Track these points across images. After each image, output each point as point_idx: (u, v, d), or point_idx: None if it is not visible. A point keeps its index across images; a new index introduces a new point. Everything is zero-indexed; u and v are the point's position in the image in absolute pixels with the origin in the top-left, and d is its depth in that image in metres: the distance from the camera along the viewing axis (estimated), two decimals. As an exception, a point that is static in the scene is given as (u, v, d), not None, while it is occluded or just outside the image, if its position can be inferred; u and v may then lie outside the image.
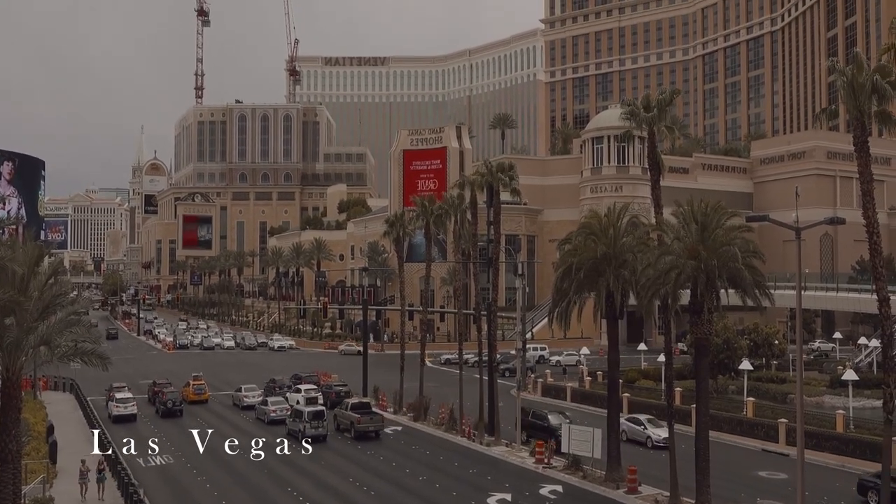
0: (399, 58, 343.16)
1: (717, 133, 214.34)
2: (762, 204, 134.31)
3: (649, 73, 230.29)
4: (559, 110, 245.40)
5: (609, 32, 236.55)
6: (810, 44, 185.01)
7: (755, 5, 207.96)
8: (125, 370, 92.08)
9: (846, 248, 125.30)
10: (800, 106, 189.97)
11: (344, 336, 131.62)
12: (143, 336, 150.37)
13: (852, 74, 35.67)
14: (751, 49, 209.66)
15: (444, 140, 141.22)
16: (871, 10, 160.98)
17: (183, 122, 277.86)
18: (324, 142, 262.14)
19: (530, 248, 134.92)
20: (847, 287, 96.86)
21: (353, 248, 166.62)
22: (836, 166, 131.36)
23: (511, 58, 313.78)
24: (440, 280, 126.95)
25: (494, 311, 57.66)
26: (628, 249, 41.80)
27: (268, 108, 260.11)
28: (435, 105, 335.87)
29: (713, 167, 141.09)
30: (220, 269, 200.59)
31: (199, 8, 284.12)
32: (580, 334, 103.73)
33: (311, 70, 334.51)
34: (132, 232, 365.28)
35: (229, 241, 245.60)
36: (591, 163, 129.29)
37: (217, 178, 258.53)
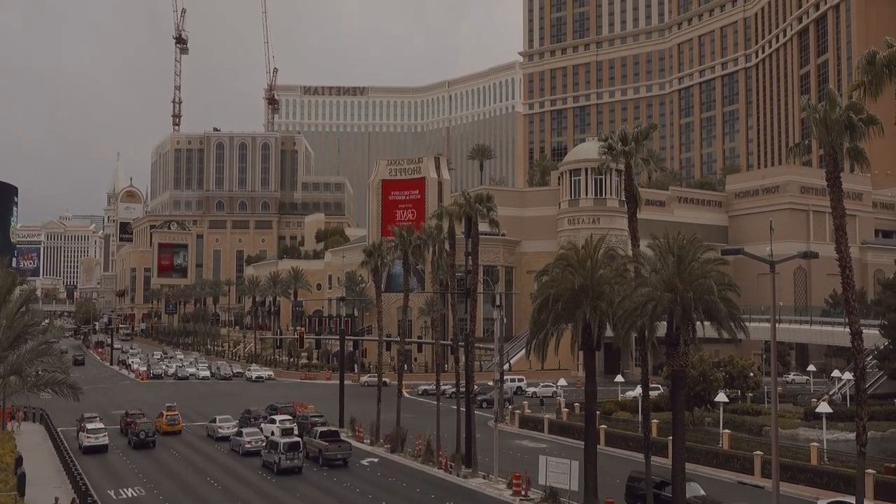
0: (378, 88, 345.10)
1: (693, 167, 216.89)
2: (737, 237, 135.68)
3: (626, 106, 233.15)
4: (537, 142, 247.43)
5: (587, 66, 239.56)
6: (784, 80, 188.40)
7: (730, 42, 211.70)
8: (97, 400, 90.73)
9: (819, 281, 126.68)
10: (774, 141, 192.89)
11: (320, 366, 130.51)
12: (115, 365, 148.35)
13: (825, 111, 36.34)
14: (725, 84, 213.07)
15: (423, 170, 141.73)
16: (843, 48, 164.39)
17: (160, 149, 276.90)
18: (302, 171, 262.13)
19: (508, 279, 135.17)
20: (820, 320, 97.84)
21: (330, 277, 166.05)
22: (809, 200, 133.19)
23: (490, 90, 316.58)
24: (418, 310, 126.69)
25: (472, 341, 57.58)
26: (605, 281, 42.03)
27: (246, 137, 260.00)
28: (414, 135, 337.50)
29: (689, 200, 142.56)
30: (196, 297, 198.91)
31: (177, 36, 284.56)
32: (558, 366, 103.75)
33: (290, 99, 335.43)
34: (106, 260, 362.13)
35: (205, 270, 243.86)
36: (568, 195, 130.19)
37: (194, 206, 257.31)
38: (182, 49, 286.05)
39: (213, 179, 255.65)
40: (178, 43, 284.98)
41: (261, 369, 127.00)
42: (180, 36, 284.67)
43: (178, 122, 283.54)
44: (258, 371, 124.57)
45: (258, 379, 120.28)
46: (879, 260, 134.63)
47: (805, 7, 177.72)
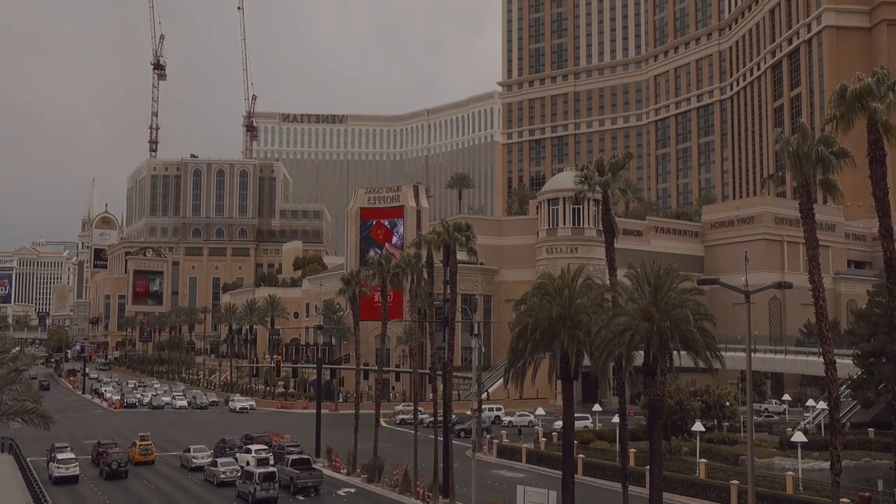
0: (357, 116, 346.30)
1: (670, 197, 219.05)
2: (713, 267, 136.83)
3: (604, 137, 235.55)
4: (516, 171, 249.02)
5: (565, 97, 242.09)
6: (758, 112, 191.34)
7: (705, 74, 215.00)
8: (68, 429, 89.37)
9: (794, 311, 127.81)
10: (748, 172, 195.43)
11: (297, 395, 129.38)
12: (88, 394, 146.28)
13: (798, 144, 36.99)
14: (701, 116, 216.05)
15: (402, 199, 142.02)
16: (815, 82, 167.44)
17: (136, 175, 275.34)
18: (280, 198, 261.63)
19: (487, 307, 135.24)
20: (795, 350, 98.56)
21: (308, 305, 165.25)
22: (783, 231, 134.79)
23: (469, 119, 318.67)
24: (396, 339, 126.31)
25: (450, 370, 57.46)
26: (583, 310, 42.19)
27: (224, 164, 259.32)
28: (393, 164, 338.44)
29: (666, 230, 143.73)
30: (171, 325, 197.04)
31: (155, 62, 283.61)
32: (536, 395, 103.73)
33: (269, 126, 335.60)
34: (80, 286, 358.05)
35: (181, 297, 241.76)
36: (546, 224, 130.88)
37: (170, 233, 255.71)
38: (160, 75, 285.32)
39: (189, 206, 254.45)
40: (156, 69, 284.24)
41: (245, 399, 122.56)
42: (158, 62, 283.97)
43: (154, 148, 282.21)
44: (242, 401, 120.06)
45: (242, 410, 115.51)
46: (852, 290, 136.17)
47: (778, 41, 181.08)
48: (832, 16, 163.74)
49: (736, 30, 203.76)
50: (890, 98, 35.20)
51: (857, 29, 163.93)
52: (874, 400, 76.53)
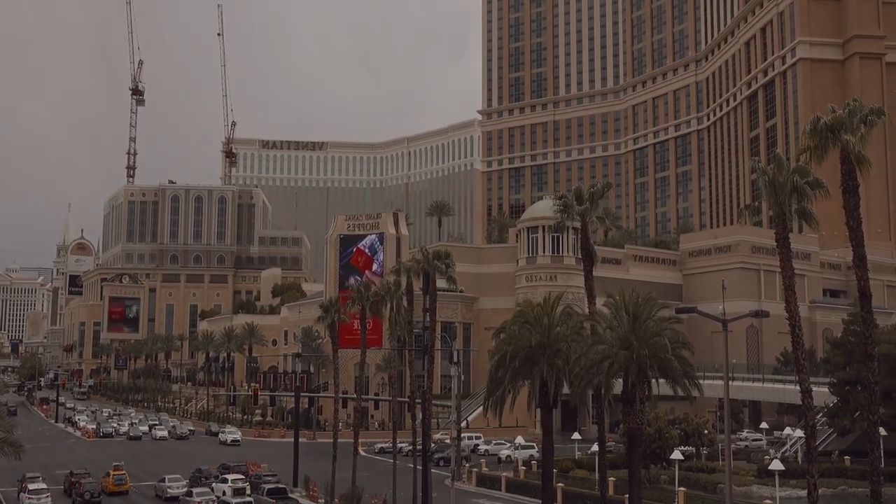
0: (337, 143, 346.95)
1: (648, 225, 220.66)
2: (691, 295, 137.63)
3: (583, 165, 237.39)
4: (496, 199, 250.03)
5: (544, 125, 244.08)
6: (734, 142, 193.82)
7: (682, 105, 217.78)
8: (41, 459, 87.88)
9: (771, 339, 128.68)
10: (726, 201, 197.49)
11: (275, 424, 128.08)
12: (61, 423, 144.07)
13: (773, 174, 37.52)
14: (679, 146, 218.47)
15: (382, 226, 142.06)
16: (790, 113, 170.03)
17: (113, 201, 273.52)
18: (259, 225, 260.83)
19: (466, 335, 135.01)
20: (772, 378, 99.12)
21: (286, 333, 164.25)
22: (760, 260, 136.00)
23: (449, 147, 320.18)
24: (375, 367, 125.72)
25: (429, 399, 57.26)
26: (562, 339, 42.33)
27: (202, 190, 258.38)
28: (373, 191, 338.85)
29: (644, 259, 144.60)
30: (147, 353, 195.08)
31: (133, 87, 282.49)
32: (515, 423, 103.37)
33: (248, 152, 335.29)
34: (54, 313, 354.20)
35: (157, 325, 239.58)
36: (526, 252, 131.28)
37: (147, 259, 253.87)
38: (138, 100, 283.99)
39: (167, 232, 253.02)
40: (135, 94, 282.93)
41: (235, 430, 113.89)
42: (137, 87, 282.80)
43: (132, 173, 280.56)
44: (232, 433, 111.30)
45: (234, 442, 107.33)
46: (828, 319, 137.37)
47: (754, 73, 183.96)
48: (806, 48, 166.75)
49: (713, 61, 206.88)
50: (862, 130, 35.87)
51: (831, 61, 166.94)
52: (850, 428, 76.99)
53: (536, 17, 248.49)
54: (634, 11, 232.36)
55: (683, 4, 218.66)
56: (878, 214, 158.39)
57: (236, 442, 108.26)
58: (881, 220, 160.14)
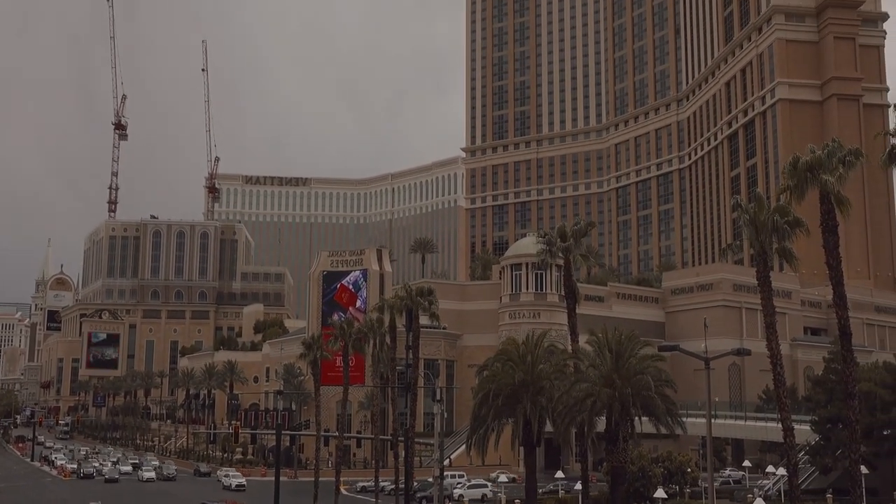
0: (321, 179, 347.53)
1: (631, 263, 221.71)
2: (674, 333, 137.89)
3: (566, 203, 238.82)
4: (479, 236, 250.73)
5: (528, 163, 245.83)
6: (716, 181, 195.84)
7: (664, 143, 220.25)
8: (14, 499, 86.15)
9: (753, 377, 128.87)
10: (707, 239, 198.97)
11: (256, 462, 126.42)
12: (37, 461, 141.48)
13: (754, 212, 37.94)
14: (661, 184, 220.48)
15: (365, 262, 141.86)
16: (770, 153, 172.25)
17: (94, 236, 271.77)
18: (241, 260, 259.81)
19: (449, 373, 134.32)
20: (755, 416, 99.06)
21: (268, 370, 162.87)
22: (741, 298, 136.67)
23: (433, 183, 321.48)
24: (357, 404, 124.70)
25: (412, 437, 56.87)
26: (545, 376, 42.29)
27: (184, 225, 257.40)
28: (356, 227, 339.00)
29: (627, 296, 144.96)
30: (126, 390, 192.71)
31: (116, 122, 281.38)
32: (499, 461, 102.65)
33: (232, 188, 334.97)
34: (32, 349, 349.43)
35: (137, 361, 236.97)
36: (509, 289, 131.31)
37: (127, 295, 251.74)
38: (121, 135, 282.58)
39: (148, 268, 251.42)
40: (118, 129, 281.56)
41: (238, 474, 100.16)
42: (120, 122, 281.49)
43: (114, 208, 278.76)
44: (236, 477, 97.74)
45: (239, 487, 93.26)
46: (809, 356, 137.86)
47: (734, 113, 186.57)
48: (785, 89, 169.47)
49: (693, 101, 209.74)
50: (840, 171, 36.42)
51: (810, 102, 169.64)
52: (832, 466, 76.90)
53: (520, 56, 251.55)
54: (616, 52, 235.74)
55: (665, 45, 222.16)
56: (858, 253, 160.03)
57: (241, 487, 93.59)
58: (860, 259, 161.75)
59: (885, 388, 70.94)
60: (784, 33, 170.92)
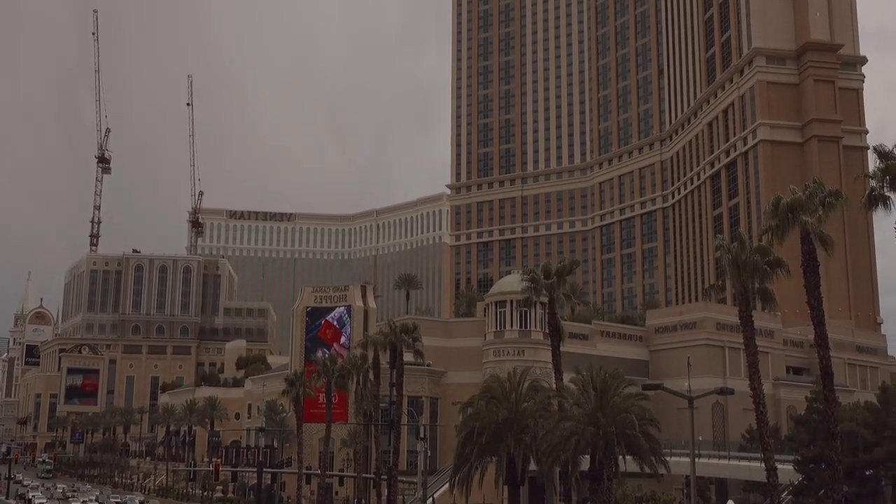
0: (305, 214, 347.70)
1: (615, 301, 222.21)
2: (658, 371, 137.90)
3: (550, 241, 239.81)
4: (464, 273, 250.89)
5: (512, 201, 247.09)
6: (698, 220, 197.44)
7: (647, 182, 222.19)
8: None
9: (736, 415, 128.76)
10: (690, 277, 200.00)
11: (236, 500, 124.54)
12: (12, 499, 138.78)
13: (736, 252, 38.32)
14: (644, 223, 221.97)
15: (349, 298, 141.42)
16: (752, 193, 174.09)
17: (74, 270, 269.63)
18: (224, 296, 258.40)
19: (433, 410, 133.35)
20: (738, 455, 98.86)
21: (250, 406, 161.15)
22: (724, 337, 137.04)
23: (417, 220, 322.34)
24: (340, 442, 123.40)
25: (395, 475, 56.37)
26: (529, 415, 42.21)
27: (167, 259, 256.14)
28: (341, 263, 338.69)
29: (611, 334, 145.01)
30: (105, 426, 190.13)
31: (100, 155, 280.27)
32: (482, 500, 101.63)
33: (215, 222, 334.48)
34: (9, 384, 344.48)
35: (117, 397, 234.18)
36: (494, 326, 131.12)
37: (108, 330, 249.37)
38: (104, 168, 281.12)
39: (130, 302, 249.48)
40: (101, 162, 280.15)
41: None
42: (103, 155, 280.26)
43: (95, 242, 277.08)
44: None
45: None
46: (791, 396, 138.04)
47: (717, 153, 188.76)
48: (767, 130, 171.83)
49: (676, 140, 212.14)
50: (820, 212, 36.91)
51: (791, 144, 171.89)
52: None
53: (505, 95, 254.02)
54: (601, 91, 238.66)
55: (648, 85, 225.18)
56: (839, 293, 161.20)
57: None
58: (841, 299, 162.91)
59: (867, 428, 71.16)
60: (765, 75, 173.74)
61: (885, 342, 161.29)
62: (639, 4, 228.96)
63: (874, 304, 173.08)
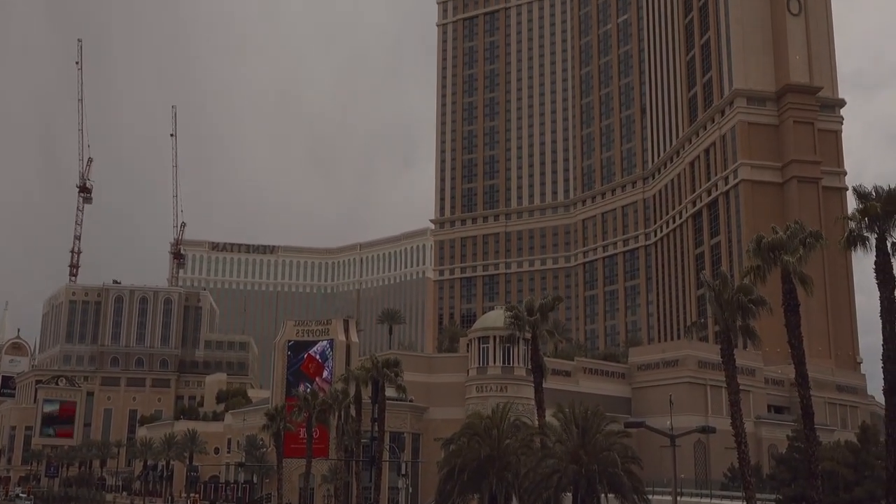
0: (289, 247, 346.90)
1: (598, 338, 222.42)
2: (640, 408, 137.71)
3: (534, 277, 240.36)
4: (447, 308, 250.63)
5: (496, 236, 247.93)
6: (680, 258, 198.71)
7: (630, 220, 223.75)
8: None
9: (718, 454, 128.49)
10: (673, 315, 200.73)
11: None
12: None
13: (719, 290, 38.65)
14: (627, 260, 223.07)
15: (332, 332, 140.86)
16: (734, 232, 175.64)
17: (53, 300, 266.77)
18: (205, 328, 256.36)
19: (415, 446, 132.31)
20: (720, 493, 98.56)
21: (229, 440, 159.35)
22: (706, 375, 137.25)
23: (401, 254, 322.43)
24: (321, 477, 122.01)
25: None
26: (512, 451, 42.05)
27: (147, 291, 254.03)
28: (323, 296, 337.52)
29: (594, 371, 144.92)
30: (82, 460, 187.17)
31: (81, 185, 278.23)
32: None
33: (197, 254, 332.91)
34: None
35: (94, 430, 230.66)
36: (477, 362, 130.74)
37: (86, 362, 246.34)
38: (86, 198, 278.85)
39: (109, 334, 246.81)
40: (82, 192, 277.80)
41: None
42: (85, 185, 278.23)
43: (75, 272, 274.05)
44: None
45: None
46: (773, 434, 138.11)
47: (698, 192, 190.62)
48: (747, 170, 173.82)
49: (659, 179, 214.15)
50: (801, 252, 37.36)
51: (771, 183, 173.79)
52: (798, 546, 76.62)
53: (490, 131, 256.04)
54: (584, 129, 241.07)
55: (631, 124, 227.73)
56: (819, 332, 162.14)
57: None
58: (821, 338, 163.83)
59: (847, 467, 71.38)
60: (746, 116, 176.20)
61: (864, 381, 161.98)
62: (622, 44, 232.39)
63: (854, 343, 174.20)
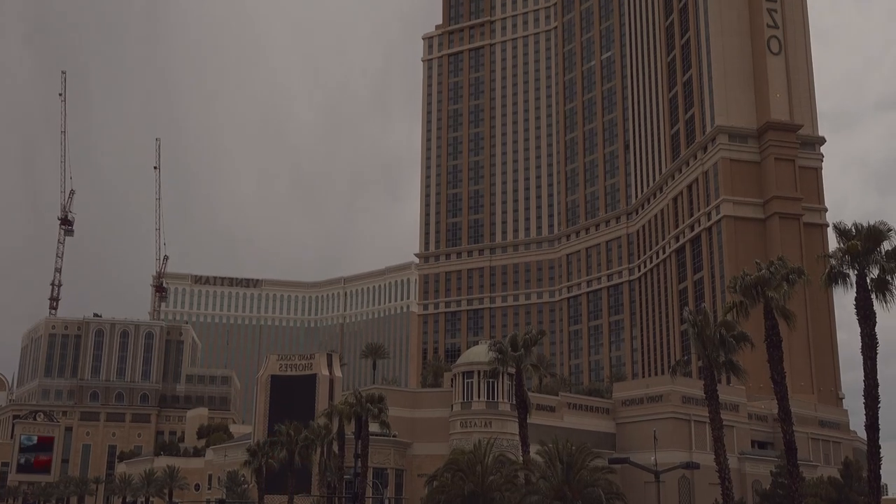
0: (272, 281, 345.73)
1: (582, 373, 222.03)
2: (624, 444, 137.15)
3: (518, 311, 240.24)
4: (431, 342, 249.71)
5: (481, 271, 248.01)
6: (664, 294, 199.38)
7: (614, 255, 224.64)
8: None
9: (702, 490, 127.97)
10: (656, 350, 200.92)
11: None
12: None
13: (701, 327, 38.79)
14: (611, 295, 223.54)
15: (315, 367, 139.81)
16: (717, 267, 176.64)
17: (32, 333, 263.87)
18: (187, 362, 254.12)
19: (398, 482, 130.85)
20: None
21: (210, 476, 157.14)
22: (690, 410, 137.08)
23: (385, 289, 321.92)
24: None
25: (357, 550, 55.08)
26: (496, 487, 41.72)
27: (128, 324, 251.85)
28: (307, 330, 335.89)
29: (578, 407, 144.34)
30: (59, 496, 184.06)
31: (63, 217, 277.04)
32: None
33: (180, 287, 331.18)
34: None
35: (72, 466, 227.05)
36: (461, 397, 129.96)
37: (65, 396, 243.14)
38: (67, 230, 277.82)
39: (89, 368, 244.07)
40: (63, 224, 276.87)
41: None
42: (66, 217, 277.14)
43: (55, 305, 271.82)
44: None
45: None
46: (756, 470, 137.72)
47: (681, 227, 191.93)
48: (730, 206, 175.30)
49: (643, 214, 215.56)
50: (784, 287, 37.62)
51: (753, 220, 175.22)
52: (784, 585, 76.12)
53: (474, 166, 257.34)
54: (568, 164, 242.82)
55: (615, 160, 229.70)
56: (801, 367, 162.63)
57: None
58: (804, 374, 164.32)
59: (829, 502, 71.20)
60: (728, 153, 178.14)
61: (847, 417, 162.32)
62: (606, 80, 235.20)
63: (836, 378, 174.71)
